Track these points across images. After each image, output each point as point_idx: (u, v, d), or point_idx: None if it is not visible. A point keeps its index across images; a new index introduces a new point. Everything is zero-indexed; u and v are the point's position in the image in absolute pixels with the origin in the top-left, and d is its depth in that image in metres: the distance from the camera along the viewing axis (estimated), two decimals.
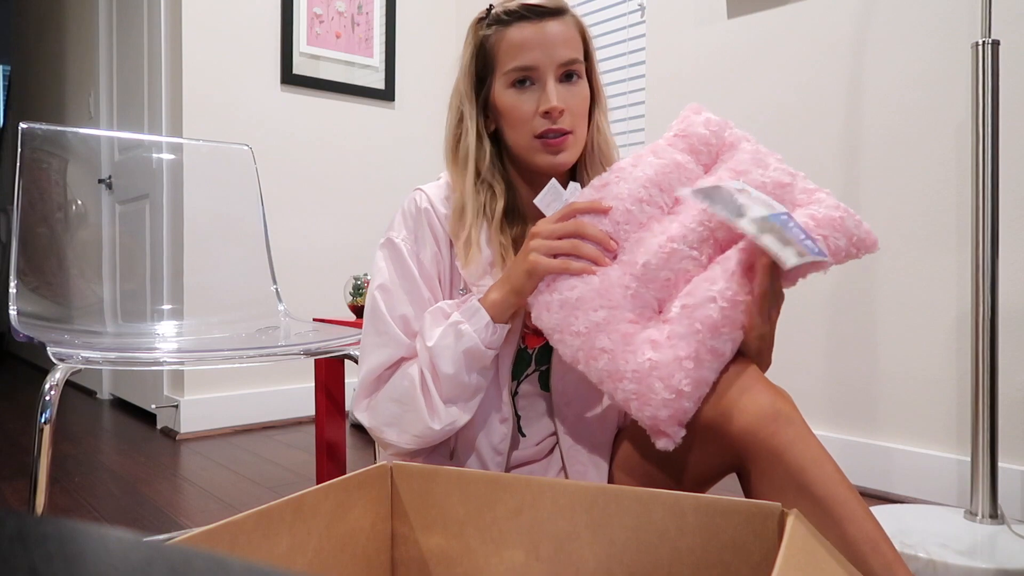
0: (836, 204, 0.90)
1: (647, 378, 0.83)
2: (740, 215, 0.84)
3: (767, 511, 0.69)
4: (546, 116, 0.97)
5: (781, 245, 0.80)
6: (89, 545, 0.21)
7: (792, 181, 0.94)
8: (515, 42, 0.97)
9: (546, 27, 0.97)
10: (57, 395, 1.12)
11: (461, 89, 1.03)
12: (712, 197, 0.86)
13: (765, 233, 0.81)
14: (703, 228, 0.90)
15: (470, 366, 0.93)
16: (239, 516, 0.65)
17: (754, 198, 0.86)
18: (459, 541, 0.81)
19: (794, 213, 0.90)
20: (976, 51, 1.50)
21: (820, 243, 0.86)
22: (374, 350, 0.98)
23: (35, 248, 1.65)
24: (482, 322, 0.92)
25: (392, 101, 3.15)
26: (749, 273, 0.86)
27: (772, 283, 0.85)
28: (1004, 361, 1.68)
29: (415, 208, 1.02)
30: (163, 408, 2.68)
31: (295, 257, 2.80)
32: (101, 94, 3.26)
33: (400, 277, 0.99)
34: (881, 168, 1.93)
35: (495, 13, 1.00)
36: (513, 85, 0.99)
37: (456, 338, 0.92)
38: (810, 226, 0.88)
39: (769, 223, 0.82)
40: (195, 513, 1.79)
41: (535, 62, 0.97)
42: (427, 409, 0.93)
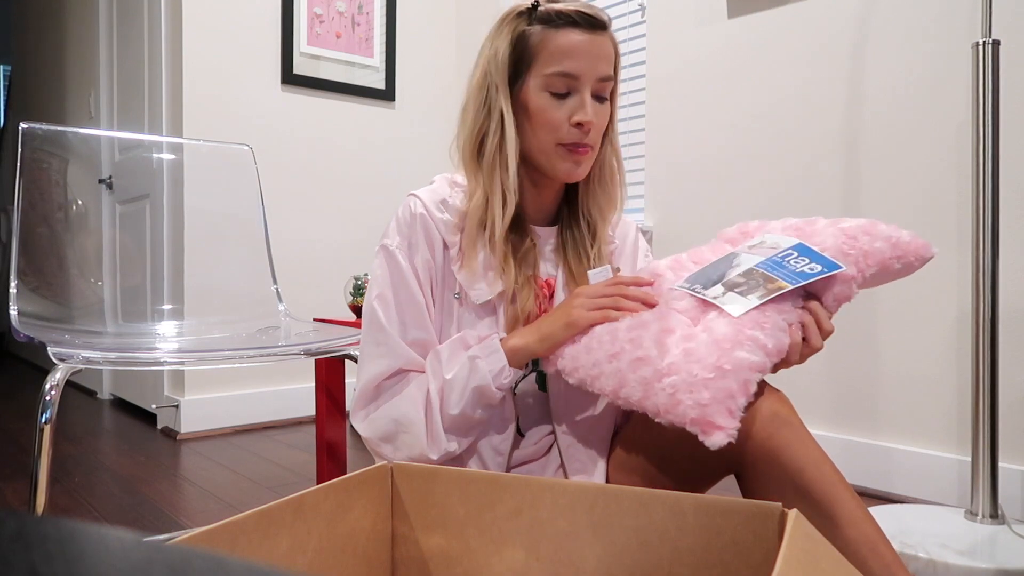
0: (866, 220, 0.92)
1: (684, 365, 0.81)
2: (714, 281, 0.90)
3: (767, 511, 0.69)
4: (577, 127, 0.96)
5: (739, 298, 0.85)
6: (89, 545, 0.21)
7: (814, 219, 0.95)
8: (563, 46, 0.95)
9: (596, 39, 0.96)
10: (57, 395, 1.12)
11: (495, 81, 0.98)
12: (697, 275, 0.93)
13: (730, 291, 0.87)
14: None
15: (477, 402, 0.94)
16: (239, 516, 0.65)
17: (760, 247, 0.92)
18: (459, 541, 0.81)
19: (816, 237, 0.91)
20: (976, 51, 1.50)
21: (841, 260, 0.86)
22: (373, 360, 0.98)
23: (35, 248, 1.65)
24: (498, 364, 0.93)
25: (392, 101, 3.15)
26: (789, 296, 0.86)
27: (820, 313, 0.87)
28: (1004, 361, 1.68)
29: (409, 214, 1.00)
30: (163, 408, 2.68)
31: (295, 257, 2.80)
32: (101, 94, 3.26)
33: (397, 285, 0.98)
34: (881, 168, 1.93)
35: (545, 11, 0.96)
36: (550, 88, 0.96)
37: (470, 372, 0.93)
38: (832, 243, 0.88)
39: (751, 272, 0.88)
40: (195, 513, 1.79)
41: (579, 71, 0.95)
42: (427, 437, 0.94)
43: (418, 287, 0.99)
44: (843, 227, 0.89)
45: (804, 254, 0.87)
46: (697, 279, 0.92)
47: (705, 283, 0.91)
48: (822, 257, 0.86)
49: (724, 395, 0.78)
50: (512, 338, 0.95)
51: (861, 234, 0.88)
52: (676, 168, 2.40)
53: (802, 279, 0.84)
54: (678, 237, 2.39)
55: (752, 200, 2.20)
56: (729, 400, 0.79)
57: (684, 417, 0.79)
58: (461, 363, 0.94)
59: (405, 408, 0.95)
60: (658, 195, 2.45)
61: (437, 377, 0.95)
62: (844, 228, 0.89)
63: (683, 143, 2.38)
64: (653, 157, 2.47)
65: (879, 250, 0.87)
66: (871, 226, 0.89)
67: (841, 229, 0.89)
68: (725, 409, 0.78)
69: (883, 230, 0.88)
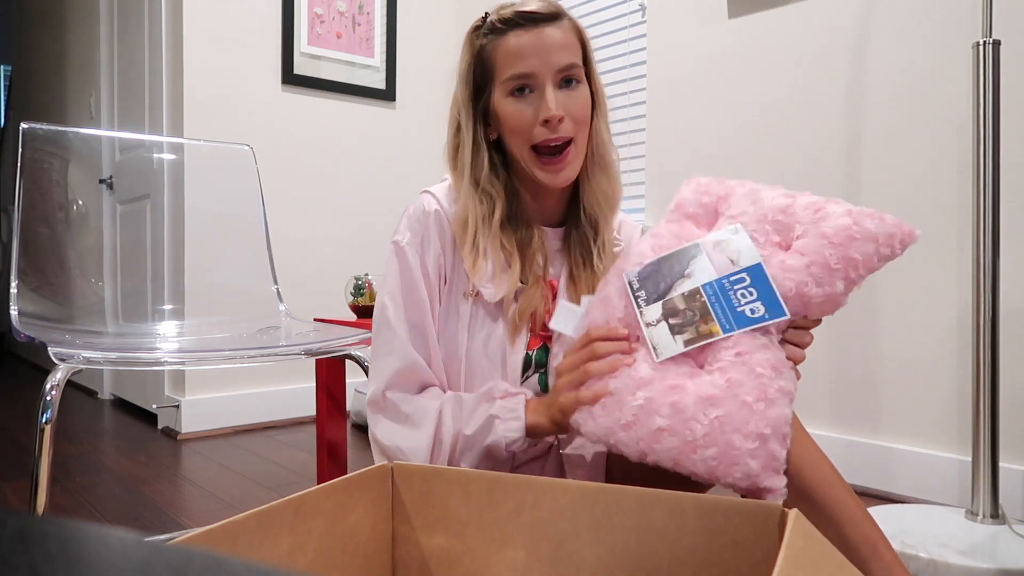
0: (846, 211, 0.85)
1: (721, 436, 0.77)
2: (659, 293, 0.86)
3: (768, 511, 0.69)
4: (545, 125, 0.96)
5: (668, 335, 0.83)
6: (90, 545, 0.21)
7: (792, 202, 0.88)
8: (512, 50, 0.96)
9: (543, 33, 0.96)
10: (58, 395, 1.12)
11: (459, 98, 1.02)
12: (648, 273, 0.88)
13: (665, 320, 0.84)
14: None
15: (486, 457, 0.93)
16: (240, 516, 0.65)
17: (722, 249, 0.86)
18: (460, 541, 0.81)
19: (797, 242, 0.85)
20: (977, 51, 1.50)
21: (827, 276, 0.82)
22: (383, 359, 0.98)
23: (36, 248, 1.65)
24: (514, 433, 0.91)
25: (393, 101, 3.15)
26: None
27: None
28: (1005, 361, 1.68)
29: (421, 211, 1.01)
30: (164, 408, 2.68)
31: (296, 257, 2.80)
32: (102, 94, 3.26)
33: (406, 284, 0.99)
34: (882, 168, 1.93)
35: (491, 21, 0.99)
36: (512, 93, 0.98)
37: (486, 429, 0.92)
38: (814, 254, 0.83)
39: (694, 297, 0.84)
40: (196, 513, 1.79)
41: (532, 69, 0.96)
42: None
43: (425, 286, 0.99)
44: (826, 232, 0.83)
45: (755, 283, 0.83)
46: (648, 279, 0.88)
47: (651, 291, 0.86)
48: (771, 295, 0.82)
49: (770, 459, 0.76)
50: (532, 413, 0.92)
51: (847, 241, 0.82)
52: (677, 168, 2.40)
53: (737, 326, 0.81)
54: None
55: None
56: (775, 462, 0.77)
57: (733, 486, 0.78)
58: (483, 420, 0.92)
59: (415, 443, 0.94)
60: (659, 195, 2.45)
61: (456, 423, 0.93)
62: (828, 235, 0.83)
63: (684, 143, 2.38)
64: (654, 157, 2.47)
65: (867, 255, 0.83)
66: (857, 227, 0.83)
67: (824, 236, 0.83)
68: (773, 471, 0.77)
69: (869, 228, 0.83)
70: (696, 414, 0.78)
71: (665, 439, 0.79)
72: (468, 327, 1.00)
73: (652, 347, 0.83)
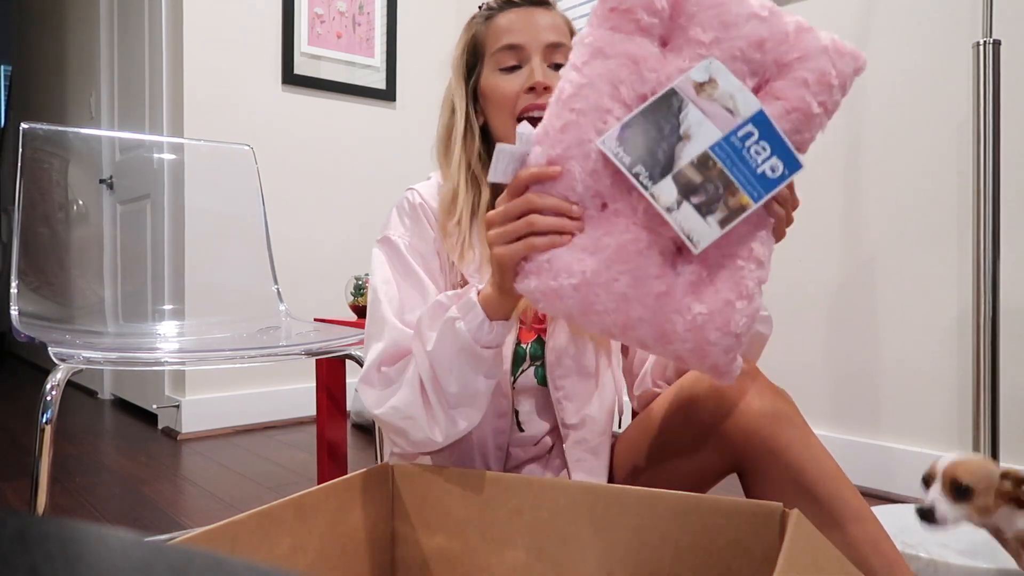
0: (823, 48, 0.74)
1: (701, 331, 0.73)
2: (661, 166, 0.72)
3: (769, 511, 0.69)
4: (530, 92, 0.96)
5: (698, 218, 0.71)
6: (90, 545, 0.21)
7: (766, 31, 0.74)
8: (502, 26, 0.99)
9: (533, 12, 0.99)
10: (58, 395, 1.12)
11: (452, 83, 1.05)
12: (634, 140, 0.72)
13: (686, 199, 0.71)
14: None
15: (472, 368, 0.86)
16: (240, 516, 0.65)
17: (710, 91, 0.72)
18: (460, 541, 0.81)
19: (775, 83, 0.75)
20: (977, 51, 1.50)
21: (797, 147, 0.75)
22: (373, 341, 0.94)
23: (36, 248, 1.65)
24: (476, 320, 0.83)
25: (393, 101, 3.15)
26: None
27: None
28: (1005, 360, 1.68)
29: (409, 204, 1.02)
30: (164, 408, 2.68)
31: (296, 257, 2.80)
32: (102, 94, 3.26)
33: (397, 271, 0.98)
34: (882, 167, 1.93)
35: (486, 4, 1.03)
36: (500, 69, 0.99)
37: (453, 337, 0.84)
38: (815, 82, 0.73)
39: (707, 163, 0.71)
40: (196, 513, 1.79)
41: (521, 41, 0.97)
42: (427, 419, 0.87)
43: (421, 270, 0.98)
44: (807, 78, 0.73)
45: (765, 136, 0.72)
46: (635, 144, 0.72)
47: (649, 162, 0.72)
48: (784, 146, 0.73)
49: (737, 350, 0.74)
50: (485, 288, 0.85)
51: (826, 88, 0.73)
52: None
53: (764, 191, 0.72)
54: None
55: None
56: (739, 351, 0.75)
57: (695, 367, 0.77)
58: (442, 329, 0.85)
59: (405, 396, 0.88)
60: None
61: (423, 353, 0.86)
62: (808, 81, 0.73)
63: None
64: None
65: (837, 101, 0.75)
66: (836, 73, 0.73)
67: (805, 83, 0.73)
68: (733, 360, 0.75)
69: (846, 72, 0.74)
70: (679, 308, 0.73)
71: (641, 328, 0.74)
72: None
73: (685, 237, 0.71)
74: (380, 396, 0.91)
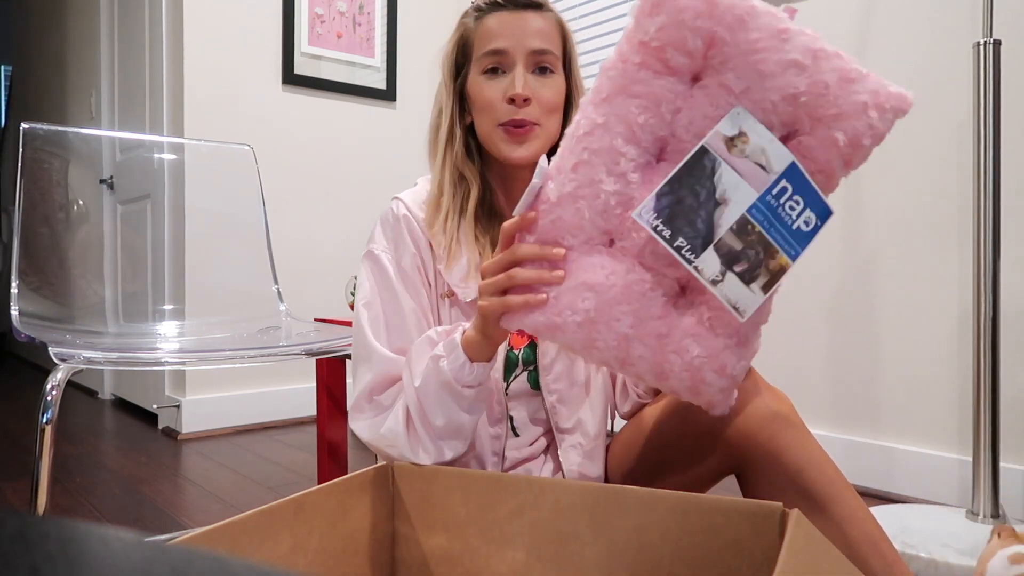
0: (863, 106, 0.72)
1: (698, 372, 0.75)
2: (703, 237, 0.70)
3: (769, 511, 0.69)
4: (511, 103, 0.96)
5: (743, 287, 0.71)
6: (90, 545, 0.21)
7: (802, 85, 0.71)
8: (490, 28, 0.98)
9: (522, 16, 0.98)
10: (59, 395, 1.12)
11: (442, 80, 1.05)
12: (672, 211, 0.71)
13: (729, 269, 0.70)
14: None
15: (455, 404, 0.88)
16: (240, 516, 0.66)
17: (742, 146, 0.71)
18: (460, 541, 0.81)
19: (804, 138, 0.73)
20: (977, 51, 1.50)
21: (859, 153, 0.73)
22: (362, 372, 0.95)
23: (36, 248, 1.65)
24: (458, 361, 0.86)
25: (393, 101, 3.15)
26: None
27: None
28: (1006, 360, 1.68)
29: (392, 217, 1.01)
30: (165, 408, 2.68)
31: (297, 257, 2.80)
32: (102, 94, 3.26)
33: (382, 291, 0.98)
34: (882, 167, 1.93)
35: (476, 3, 1.02)
36: (485, 72, 0.99)
37: (436, 374, 0.87)
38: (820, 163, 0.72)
39: (745, 228, 0.70)
40: (196, 513, 1.79)
41: (506, 47, 0.97)
42: (413, 448, 0.89)
43: (405, 291, 0.97)
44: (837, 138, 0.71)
45: (798, 190, 0.71)
46: (675, 215, 0.70)
47: (690, 233, 0.70)
48: (815, 196, 0.72)
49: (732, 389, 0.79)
50: (468, 330, 0.87)
51: (855, 149, 0.72)
52: None
53: (800, 247, 0.72)
54: None
55: None
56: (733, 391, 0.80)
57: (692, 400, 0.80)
58: (427, 366, 0.88)
59: (391, 424, 0.91)
60: None
61: (410, 386, 0.90)
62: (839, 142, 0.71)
63: None
64: None
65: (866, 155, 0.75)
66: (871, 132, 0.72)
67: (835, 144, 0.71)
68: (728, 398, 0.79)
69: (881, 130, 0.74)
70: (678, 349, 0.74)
71: (641, 364, 0.75)
72: None
73: (732, 308, 0.71)
74: (371, 424, 0.93)
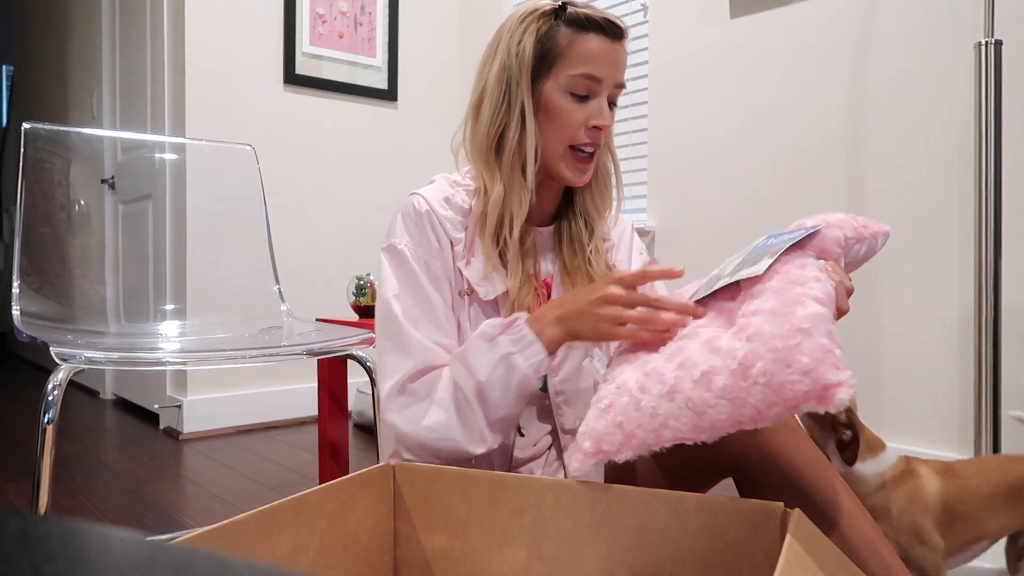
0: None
1: (763, 349, 0.70)
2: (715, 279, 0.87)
3: (769, 511, 0.69)
4: (593, 130, 0.99)
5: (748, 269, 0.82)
6: (92, 545, 0.21)
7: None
8: (590, 50, 0.97)
9: (618, 48, 0.99)
10: (60, 395, 1.12)
11: (516, 77, 0.98)
12: (700, 291, 0.88)
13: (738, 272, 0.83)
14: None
15: (522, 398, 0.90)
16: (242, 516, 0.66)
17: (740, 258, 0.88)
18: (462, 541, 0.81)
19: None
20: (979, 51, 1.50)
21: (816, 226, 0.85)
22: (397, 361, 0.94)
23: (38, 248, 1.65)
24: (537, 356, 0.88)
25: (395, 101, 3.15)
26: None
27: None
28: (1007, 361, 1.67)
29: (414, 211, 1.00)
30: (166, 408, 2.68)
31: (298, 257, 2.80)
32: (104, 94, 3.26)
33: (410, 283, 0.98)
34: (883, 167, 1.92)
35: (574, 13, 0.97)
36: (571, 90, 0.98)
37: (508, 370, 0.88)
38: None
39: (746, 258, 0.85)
40: (198, 513, 1.79)
41: (601, 75, 0.97)
42: (466, 439, 0.89)
43: (430, 285, 0.98)
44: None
45: (780, 235, 0.86)
46: (700, 292, 0.89)
47: (708, 285, 0.87)
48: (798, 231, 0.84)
49: (822, 352, 0.69)
50: (546, 328, 0.89)
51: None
52: (678, 168, 2.40)
53: (795, 238, 0.82)
54: (680, 237, 2.39)
55: (754, 200, 2.20)
56: (829, 355, 0.69)
57: (795, 396, 0.69)
58: (494, 362, 0.88)
59: (439, 417, 0.90)
60: (660, 195, 2.45)
61: (469, 380, 0.89)
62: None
63: (685, 143, 2.38)
64: (655, 157, 2.47)
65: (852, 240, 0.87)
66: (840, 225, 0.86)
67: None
68: (831, 365, 0.69)
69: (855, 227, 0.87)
70: (732, 348, 0.73)
71: (713, 381, 0.72)
72: (470, 326, 1.00)
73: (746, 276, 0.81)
74: (408, 416, 0.91)
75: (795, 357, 0.68)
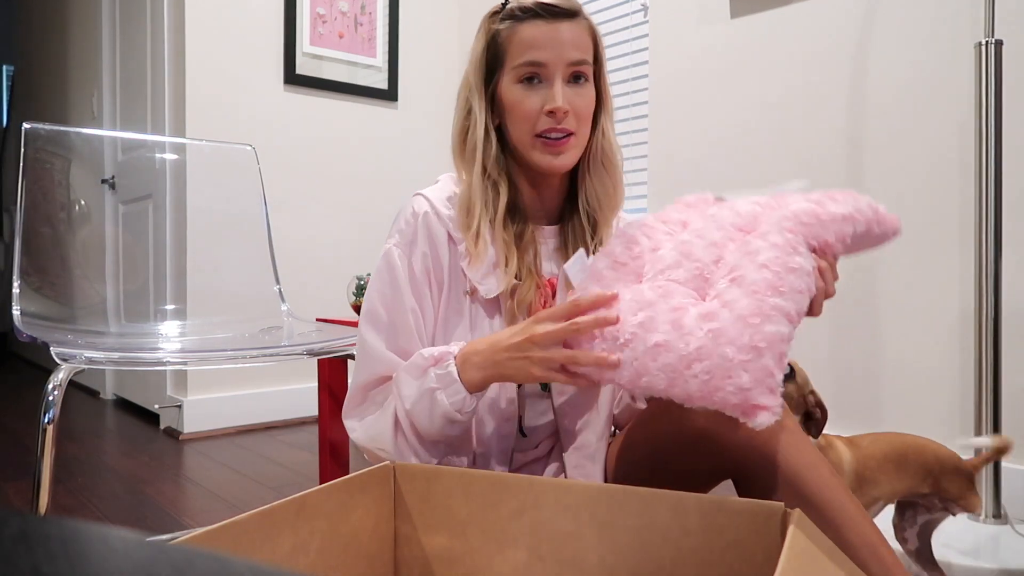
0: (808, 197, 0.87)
1: (715, 348, 0.75)
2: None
3: (770, 511, 0.69)
4: (550, 115, 0.97)
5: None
6: (92, 545, 0.21)
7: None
8: (527, 38, 0.98)
9: (559, 27, 0.97)
10: (60, 395, 1.12)
11: (471, 81, 1.03)
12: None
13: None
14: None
15: (449, 425, 0.92)
16: (242, 516, 0.66)
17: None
18: (462, 541, 0.81)
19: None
20: (979, 51, 1.50)
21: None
22: (360, 365, 1.00)
23: (38, 248, 1.65)
24: (458, 396, 0.90)
25: (395, 101, 3.15)
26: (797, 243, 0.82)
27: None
28: (1007, 360, 1.67)
29: (411, 213, 1.01)
30: (166, 408, 2.68)
31: (298, 257, 2.80)
32: (104, 94, 3.26)
33: (392, 290, 0.99)
34: (884, 167, 1.92)
35: (510, 8, 1.00)
36: (521, 81, 0.99)
37: (431, 404, 0.90)
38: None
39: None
40: (198, 513, 1.79)
41: (544, 59, 0.97)
42: (397, 452, 0.95)
43: (411, 292, 0.98)
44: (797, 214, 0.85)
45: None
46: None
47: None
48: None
49: (764, 375, 0.74)
50: (471, 370, 0.90)
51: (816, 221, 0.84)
52: (679, 167, 2.40)
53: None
54: None
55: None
56: (769, 379, 0.74)
57: (724, 403, 0.74)
58: (421, 394, 0.91)
59: (380, 427, 0.96)
60: (661, 194, 2.45)
61: (400, 404, 0.93)
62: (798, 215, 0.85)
63: (686, 143, 2.38)
64: (656, 156, 2.47)
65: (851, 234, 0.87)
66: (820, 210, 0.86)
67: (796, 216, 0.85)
68: (767, 389, 0.74)
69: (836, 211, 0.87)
70: (692, 328, 0.77)
71: (661, 355, 0.77)
72: (470, 325, 1.00)
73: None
74: (365, 421, 0.99)
75: (738, 373, 0.74)
